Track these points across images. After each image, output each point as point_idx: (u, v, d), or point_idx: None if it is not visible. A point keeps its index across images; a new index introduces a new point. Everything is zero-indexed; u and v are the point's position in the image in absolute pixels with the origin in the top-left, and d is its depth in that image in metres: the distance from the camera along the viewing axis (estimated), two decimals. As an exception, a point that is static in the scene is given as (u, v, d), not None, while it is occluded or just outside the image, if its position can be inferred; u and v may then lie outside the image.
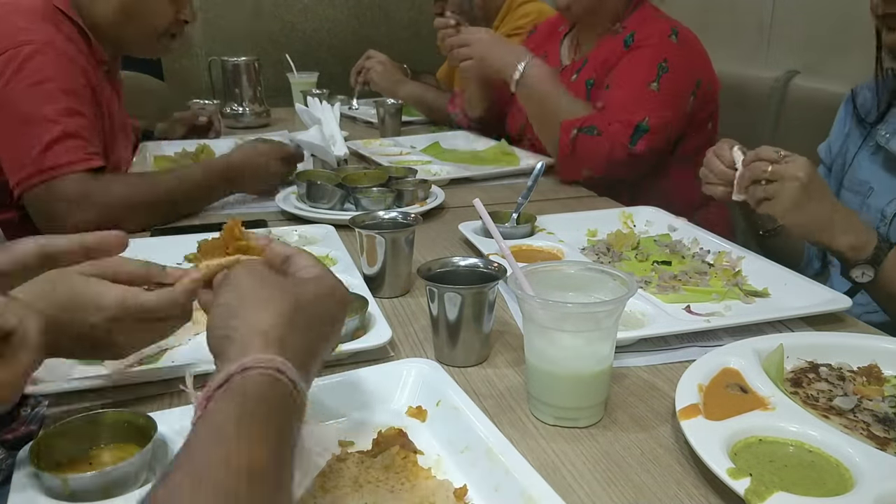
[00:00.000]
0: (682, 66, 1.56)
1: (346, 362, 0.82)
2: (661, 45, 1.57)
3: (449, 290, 0.80)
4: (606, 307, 0.70)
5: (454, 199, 1.45)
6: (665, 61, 1.54)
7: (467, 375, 0.81)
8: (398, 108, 2.20)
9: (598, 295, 0.75)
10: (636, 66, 1.57)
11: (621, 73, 1.58)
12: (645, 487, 0.63)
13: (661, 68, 1.54)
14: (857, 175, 1.23)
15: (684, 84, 1.57)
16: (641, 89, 1.53)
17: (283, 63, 2.62)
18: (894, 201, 1.15)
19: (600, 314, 0.70)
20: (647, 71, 1.54)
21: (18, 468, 0.60)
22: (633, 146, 1.50)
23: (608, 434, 0.71)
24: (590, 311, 0.70)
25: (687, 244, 1.18)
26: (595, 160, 1.53)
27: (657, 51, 1.56)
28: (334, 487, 0.61)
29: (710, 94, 1.65)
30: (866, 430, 0.69)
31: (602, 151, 1.52)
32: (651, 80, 1.53)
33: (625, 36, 1.62)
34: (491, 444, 0.62)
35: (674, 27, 1.60)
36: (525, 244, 1.16)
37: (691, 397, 0.71)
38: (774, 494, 0.57)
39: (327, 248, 1.12)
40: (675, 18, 1.66)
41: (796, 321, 0.92)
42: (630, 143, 1.50)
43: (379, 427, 0.69)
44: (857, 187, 1.22)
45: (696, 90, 1.58)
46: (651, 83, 1.53)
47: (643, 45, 1.58)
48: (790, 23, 2.12)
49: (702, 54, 1.64)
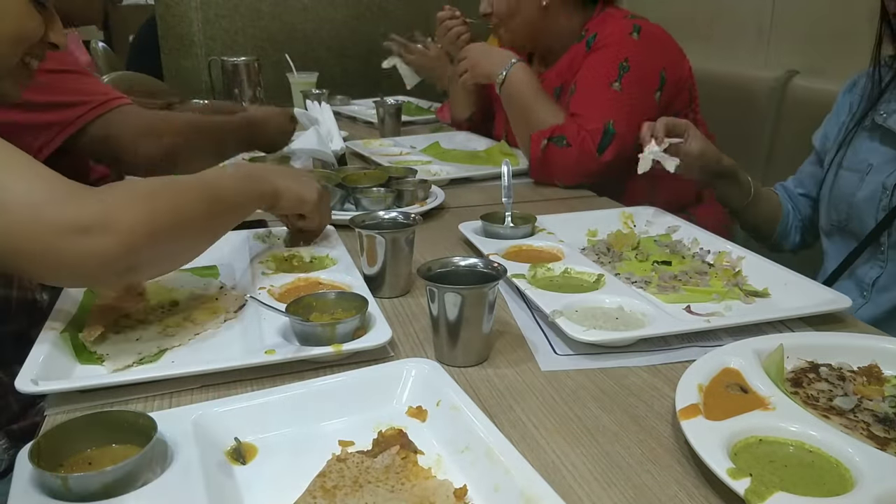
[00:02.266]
0: (644, 64, 1.56)
1: (346, 362, 0.82)
2: (622, 44, 1.57)
3: (449, 290, 0.80)
4: None
5: (454, 199, 1.45)
6: (626, 60, 1.54)
7: (467, 375, 0.81)
8: (398, 108, 2.20)
9: None
10: (597, 66, 1.57)
11: (584, 76, 1.59)
12: (645, 487, 0.63)
13: (622, 67, 1.54)
14: (857, 156, 1.25)
15: (647, 81, 1.56)
16: (604, 90, 1.54)
17: (283, 63, 2.62)
18: (894, 173, 1.18)
19: None
20: (609, 71, 1.54)
21: (19, 467, 0.60)
22: (601, 155, 1.51)
23: (608, 434, 0.71)
24: None
25: (687, 244, 1.18)
26: (565, 171, 1.55)
27: (617, 50, 1.56)
28: (334, 487, 0.61)
29: (680, 83, 1.63)
30: (866, 430, 0.69)
31: (570, 162, 1.52)
32: (613, 79, 1.54)
33: (587, 38, 1.64)
34: (491, 444, 0.62)
35: (636, 24, 1.60)
36: (525, 244, 1.16)
37: (691, 397, 0.70)
38: (774, 494, 0.56)
39: (327, 248, 1.12)
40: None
41: (796, 321, 0.92)
42: (598, 151, 1.50)
43: (379, 427, 0.69)
44: (856, 166, 1.25)
45: (661, 85, 1.58)
46: (613, 83, 1.53)
47: (603, 45, 1.59)
48: (790, 23, 2.12)
49: (665, 47, 1.62)
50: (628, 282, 1.03)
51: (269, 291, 0.96)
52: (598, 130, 1.50)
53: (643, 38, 1.58)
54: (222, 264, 1.08)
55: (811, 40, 2.04)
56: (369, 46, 3.58)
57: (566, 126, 1.54)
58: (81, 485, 0.58)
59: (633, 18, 1.64)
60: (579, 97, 1.57)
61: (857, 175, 1.24)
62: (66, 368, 0.79)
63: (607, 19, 1.66)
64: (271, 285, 0.98)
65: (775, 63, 2.12)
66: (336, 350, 0.80)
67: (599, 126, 1.50)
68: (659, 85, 1.57)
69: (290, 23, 3.53)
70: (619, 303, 0.93)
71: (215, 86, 2.54)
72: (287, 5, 3.51)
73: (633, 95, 1.53)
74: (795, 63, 1.95)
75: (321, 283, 1.00)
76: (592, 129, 1.51)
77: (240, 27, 3.45)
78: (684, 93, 1.65)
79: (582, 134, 1.50)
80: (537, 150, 1.55)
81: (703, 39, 1.65)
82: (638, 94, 1.54)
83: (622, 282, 1.02)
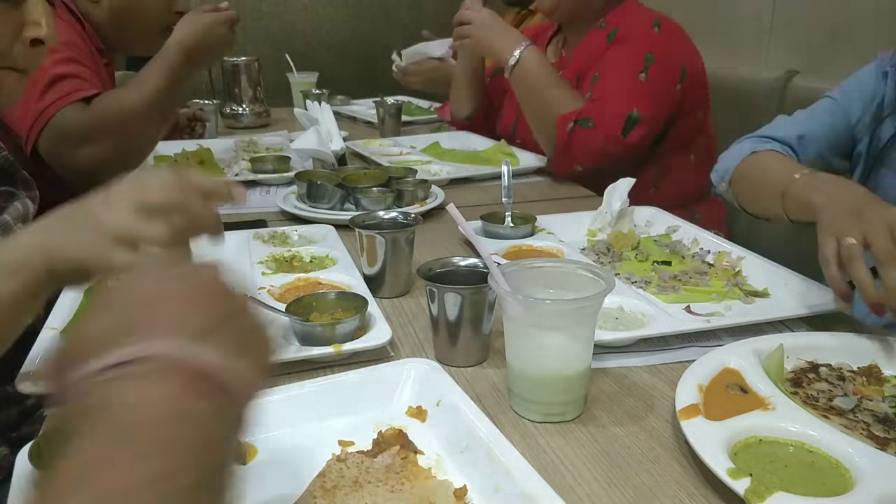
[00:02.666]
0: (668, 57, 1.57)
1: (346, 362, 0.82)
2: (646, 37, 1.58)
3: (449, 290, 0.80)
4: (586, 303, 0.70)
5: (454, 199, 1.44)
6: (650, 52, 1.55)
7: (467, 375, 0.81)
8: (398, 108, 2.20)
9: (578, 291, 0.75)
10: (623, 57, 1.58)
11: (609, 66, 1.59)
12: (645, 487, 0.63)
13: (647, 59, 1.54)
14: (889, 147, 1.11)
15: (671, 73, 1.58)
16: (631, 80, 1.54)
17: (283, 63, 2.62)
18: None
19: (581, 310, 0.70)
20: (635, 62, 1.55)
21: (18, 468, 0.60)
22: (626, 137, 1.51)
23: (608, 434, 0.71)
24: (570, 307, 0.71)
25: (687, 244, 1.18)
26: (590, 153, 1.54)
27: (642, 42, 1.57)
28: (334, 487, 0.61)
29: (698, 80, 1.65)
30: (866, 430, 0.69)
31: (597, 144, 1.52)
32: (639, 70, 1.54)
33: (608, 30, 1.64)
34: (491, 444, 0.62)
35: (656, 18, 1.61)
36: (525, 244, 1.16)
37: (691, 397, 0.71)
38: (774, 494, 0.56)
39: (327, 248, 1.12)
40: (675, 18, 1.66)
41: (796, 321, 0.92)
42: (622, 134, 1.51)
43: (379, 427, 0.69)
44: (886, 159, 1.11)
45: (682, 78, 1.59)
46: (640, 73, 1.54)
47: (627, 37, 1.60)
48: (790, 23, 2.12)
49: (685, 42, 1.64)
50: (628, 282, 1.04)
51: (268, 291, 0.96)
52: (623, 115, 1.51)
53: (664, 32, 1.60)
54: (222, 264, 1.08)
55: (811, 40, 2.04)
56: (369, 46, 3.59)
57: (590, 108, 1.54)
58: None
59: (651, 12, 1.64)
60: (605, 84, 1.57)
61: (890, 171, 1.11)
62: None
63: (628, 10, 1.66)
64: (271, 285, 0.98)
65: (775, 63, 2.12)
66: (336, 350, 0.81)
67: (624, 111, 1.51)
68: (680, 77, 1.59)
69: (290, 23, 3.53)
70: (618, 303, 0.93)
71: (215, 86, 2.54)
72: (287, 5, 3.51)
73: (659, 85, 1.55)
74: (795, 63, 1.95)
75: (321, 283, 1.00)
76: (617, 112, 1.51)
77: (240, 27, 3.45)
78: (699, 89, 1.66)
79: (607, 116, 1.51)
80: (563, 133, 1.54)
81: (703, 39, 1.65)
82: (663, 84, 1.56)
83: (622, 282, 1.02)
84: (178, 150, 1.84)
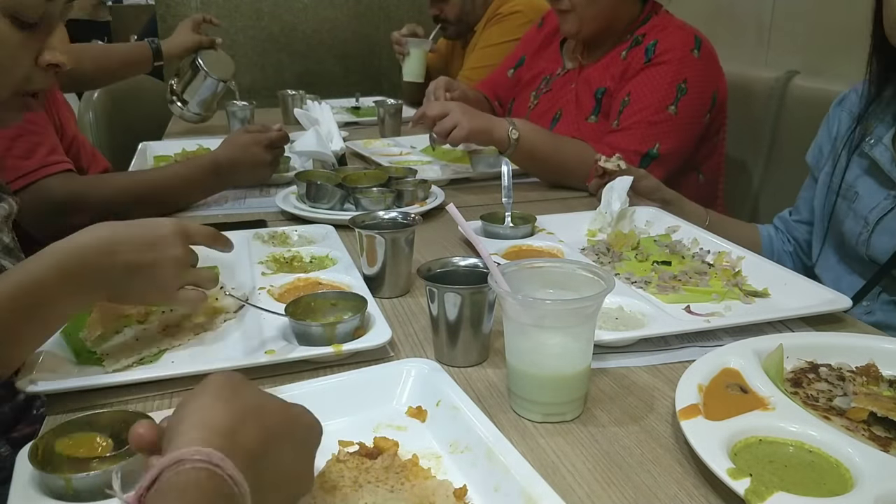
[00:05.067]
0: (700, 86, 1.56)
1: (346, 362, 0.82)
2: (683, 62, 1.55)
3: (449, 290, 0.80)
4: (586, 303, 0.70)
5: (454, 200, 1.44)
6: (685, 81, 1.54)
7: (467, 375, 0.81)
8: (398, 108, 2.20)
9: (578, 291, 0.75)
10: (656, 85, 1.55)
11: (640, 92, 1.56)
12: (645, 487, 0.63)
13: (680, 90, 1.53)
14: (847, 180, 1.21)
15: (701, 105, 1.57)
16: (660, 112, 1.53)
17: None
18: (876, 209, 1.14)
19: (581, 310, 0.70)
20: (667, 92, 1.54)
21: (18, 468, 0.60)
22: None
23: (608, 434, 0.71)
24: (570, 307, 0.71)
25: (687, 244, 1.18)
26: None
27: (678, 68, 1.54)
28: (334, 487, 0.61)
29: (721, 106, 1.65)
30: (867, 430, 0.69)
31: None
32: (669, 102, 1.53)
33: (646, 44, 1.59)
34: (491, 444, 0.62)
35: (696, 37, 1.58)
36: (525, 244, 1.16)
37: (691, 397, 0.71)
38: (774, 494, 0.57)
39: (327, 248, 1.12)
40: (675, 18, 1.66)
41: (796, 321, 0.92)
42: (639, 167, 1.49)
43: (379, 427, 0.69)
44: (845, 192, 1.21)
45: (712, 106, 1.59)
46: (669, 106, 1.53)
47: (664, 60, 1.56)
48: (790, 23, 2.12)
49: (718, 65, 1.63)
50: (628, 282, 1.04)
51: (268, 291, 0.96)
52: (641, 153, 1.52)
53: (703, 57, 1.57)
54: (222, 264, 1.08)
55: (811, 40, 2.04)
56: (369, 46, 3.58)
57: (613, 140, 1.53)
58: (85, 485, 0.58)
59: (691, 30, 1.60)
60: (633, 113, 1.55)
61: (845, 203, 1.20)
62: (65, 369, 0.79)
63: (668, 26, 1.61)
64: (271, 285, 0.98)
65: (775, 63, 2.12)
66: (336, 350, 0.81)
67: (644, 148, 1.52)
68: (710, 107, 1.59)
69: (290, 23, 3.53)
70: (618, 303, 0.93)
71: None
72: (287, 5, 3.51)
73: (686, 119, 1.55)
74: (795, 63, 1.95)
75: (321, 283, 1.00)
76: (636, 151, 1.52)
77: (240, 27, 3.45)
78: (721, 113, 1.66)
79: (627, 154, 1.45)
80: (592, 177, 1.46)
81: (703, 39, 1.65)
82: (691, 117, 1.56)
83: (622, 282, 1.02)
84: (178, 151, 1.84)
